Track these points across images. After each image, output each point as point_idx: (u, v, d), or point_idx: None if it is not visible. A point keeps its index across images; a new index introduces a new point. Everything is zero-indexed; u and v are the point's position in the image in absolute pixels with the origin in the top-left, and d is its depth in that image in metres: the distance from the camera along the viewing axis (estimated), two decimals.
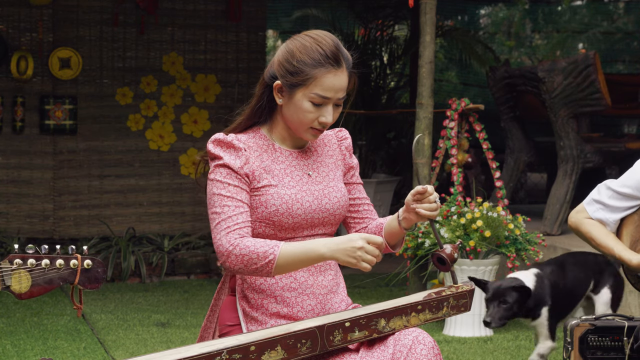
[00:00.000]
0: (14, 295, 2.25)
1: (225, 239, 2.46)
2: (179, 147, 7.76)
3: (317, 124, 2.55)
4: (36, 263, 2.26)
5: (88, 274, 2.33)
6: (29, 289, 2.25)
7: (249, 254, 2.44)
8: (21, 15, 7.35)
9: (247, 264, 2.44)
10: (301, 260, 2.45)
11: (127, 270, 6.98)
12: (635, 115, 9.46)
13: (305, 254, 2.45)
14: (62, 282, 2.30)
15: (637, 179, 3.16)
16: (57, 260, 2.29)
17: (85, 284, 2.33)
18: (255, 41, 7.96)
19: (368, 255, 2.40)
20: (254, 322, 2.54)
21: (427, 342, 2.42)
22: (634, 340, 3.10)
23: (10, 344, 4.99)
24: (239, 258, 2.44)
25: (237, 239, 2.46)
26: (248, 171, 2.53)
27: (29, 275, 2.25)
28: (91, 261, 2.33)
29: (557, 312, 4.33)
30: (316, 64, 2.51)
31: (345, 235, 2.45)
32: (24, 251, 2.27)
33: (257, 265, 2.44)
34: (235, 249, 2.45)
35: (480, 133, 5.84)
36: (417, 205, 2.52)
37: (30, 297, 2.26)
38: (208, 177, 2.55)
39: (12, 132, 7.35)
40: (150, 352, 4.46)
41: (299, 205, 2.54)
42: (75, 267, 2.31)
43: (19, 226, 7.40)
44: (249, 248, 2.44)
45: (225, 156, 2.53)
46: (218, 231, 2.48)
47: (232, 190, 2.50)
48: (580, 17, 13.22)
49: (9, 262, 2.24)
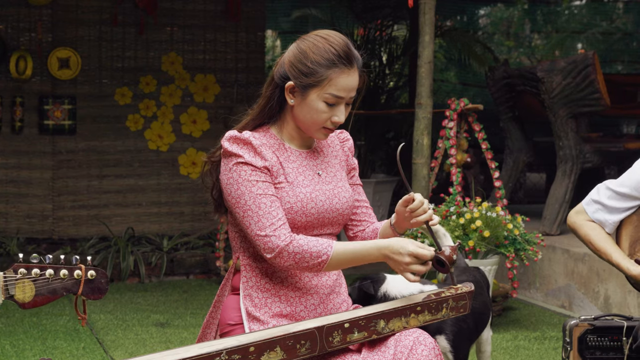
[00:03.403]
0: (17, 304, 2.25)
1: (275, 235, 2.46)
2: (178, 147, 7.76)
3: (329, 123, 2.56)
4: (40, 273, 2.26)
5: (92, 284, 2.33)
6: (32, 298, 2.25)
7: (301, 252, 2.45)
8: (20, 15, 7.35)
9: (299, 261, 2.46)
10: (353, 261, 2.49)
11: (126, 271, 6.97)
12: (634, 116, 9.46)
13: (359, 256, 2.48)
14: (66, 292, 2.30)
15: (636, 179, 3.16)
16: (61, 270, 2.29)
17: (89, 294, 2.33)
18: (254, 41, 7.96)
19: (413, 270, 2.43)
20: (256, 322, 2.54)
21: (428, 343, 2.42)
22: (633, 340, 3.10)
23: (9, 344, 4.98)
24: (292, 256, 2.45)
25: (289, 236, 2.46)
26: (269, 166, 2.53)
27: (32, 285, 2.25)
28: (95, 272, 2.33)
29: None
30: (330, 64, 2.51)
31: (399, 243, 2.44)
32: (28, 260, 2.27)
33: (309, 263, 2.46)
34: (288, 247, 2.45)
35: (479, 133, 5.84)
36: (415, 220, 2.54)
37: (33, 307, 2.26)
38: (227, 176, 2.52)
39: (11, 132, 7.35)
40: (150, 352, 4.47)
41: (313, 204, 2.55)
42: (79, 278, 2.31)
43: (18, 226, 7.40)
44: (302, 247, 2.45)
45: (245, 154, 2.51)
46: (261, 228, 2.46)
47: (262, 186, 2.50)
48: (580, 17, 13.23)
49: (13, 272, 2.24)
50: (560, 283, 6.12)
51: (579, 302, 5.93)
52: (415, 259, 2.42)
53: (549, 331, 5.38)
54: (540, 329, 5.45)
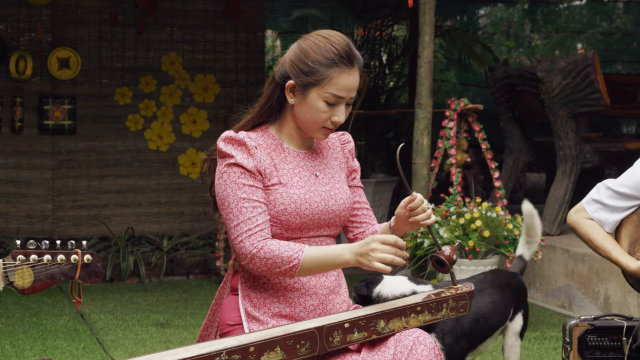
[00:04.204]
0: (17, 290, 2.29)
1: (248, 241, 2.46)
2: (178, 147, 7.76)
3: (329, 123, 2.56)
4: (38, 259, 2.30)
5: (88, 268, 2.37)
6: (31, 284, 2.29)
7: (272, 258, 2.45)
8: (20, 15, 7.35)
9: (271, 267, 2.46)
10: (326, 265, 2.48)
11: (126, 271, 6.97)
12: (634, 116, 9.46)
13: (329, 259, 2.47)
14: (63, 277, 2.35)
15: (636, 178, 3.16)
16: (59, 255, 2.33)
17: (85, 278, 2.37)
18: (254, 41, 7.96)
19: (384, 255, 2.39)
20: (255, 322, 2.54)
21: (428, 343, 2.42)
22: (633, 340, 3.10)
23: (9, 344, 4.98)
24: (263, 262, 2.46)
25: (261, 242, 2.46)
26: (260, 169, 2.53)
27: (31, 270, 2.29)
28: (91, 256, 2.37)
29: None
30: (331, 63, 2.51)
31: (363, 240, 2.46)
32: (25, 247, 2.31)
33: (281, 269, 2.46)
34: (259, 252, 2.45)
35: (479, 133, 5.84)
36: (413, 219, 2.53)
37: (32, 292, 2.30)
38: (218, 176, 2.54)
39: (11, 132, 7.35)
40: (149, 352, 4.47)
41: (307, 205, 2.55)
42: (75, 262, 2.35)
43: (18, 226, 7.40)
44: (274, 252, 2.45)
45: (238, 155, 2.52)
46: (238, 233, 2.48)
47: (247, 190, 2.50)
48: (579, 17, 13.23)
49: (12, 258, 2.28)
50: (560, 283, 6.12)
51: (579, 302, 5.93)
52: (381, 245, 2.40)
53: (549, 331, 5.38)
54: (540, 329, 5.45)
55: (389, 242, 2.41)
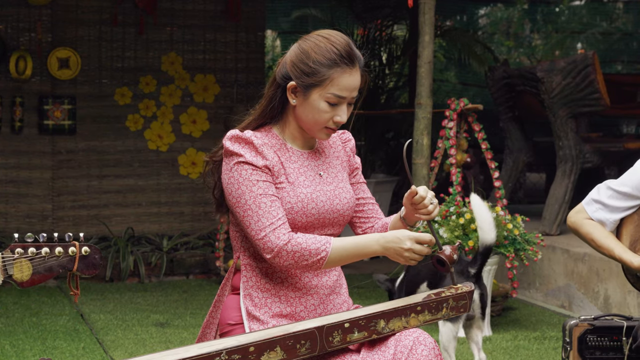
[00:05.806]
0: (15, 283, 2.30)
1: (274, 235, 2.46)
2: (178, 147, 7.75)
3: (331, 123, 2.57)
4: (36, 252, 2.31)
5: (86, 260, 2.38)
6: (30, 277, 2.30)
7: (300, 250, 2.46)
8: (20, 15, 7.35)
9: (298, 260, 2.46)
10: (353, 256, 2.51)
11: (125, 270, 6.97)
12: (634, 116, 9.46)
13: (357, 251, 2.50)
14: (62, 270, 2.36)
15: (637, 178, 3.16)
16: (57, 248, 2.34)
17: (84, 270, 2.38)
18: (254, 41, 7.96)
19: (416, 255, 2.46)
20: (256, 321, 2.54)
21: (428, 343, 2.42)
22: (633, 340, 3.10)
23: (9, 344, 4.98)
24: (290, 255, 2.46)
25: (287, 235, 2.47)
26: (269, 166, 2.54)
27: (29, 263, 2.30)
28: (88, 248, 2.38)
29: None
30: (332, 64, 2.51)
31: (394, 233, 2.48)
32: (23, 240, 2.32)
33: (309, 261, 2.47)
34: (286, 246, 2.45)
35: (479, 133, 5.84)
36: (416, 213, 2.56)
37: (31, 285, 2.31)
38: (228, 175, 2.52)
39: (11, 132, 7.35)
40: (149, 352, 4.47)
41: (314, 204, 2.56)
42: (73, 254, 2.36)
43: (17, 226, 7.39)
44: (301, 245, 2.46)
45: (246, 153, 2.52)
46: (261, 228, 2.47)
47: (262, 186, 2.50)
48: (579, 17, 13.23)
49: (10, 252, 2.29)
50: (560, 283, 6.12)
51: (578, 302, 5.93)
52: (416, 245, 2.45)
53: (548, 331, 5.38)
54: (540, 329, 5.45)
55: (425, 241, 2.46)
